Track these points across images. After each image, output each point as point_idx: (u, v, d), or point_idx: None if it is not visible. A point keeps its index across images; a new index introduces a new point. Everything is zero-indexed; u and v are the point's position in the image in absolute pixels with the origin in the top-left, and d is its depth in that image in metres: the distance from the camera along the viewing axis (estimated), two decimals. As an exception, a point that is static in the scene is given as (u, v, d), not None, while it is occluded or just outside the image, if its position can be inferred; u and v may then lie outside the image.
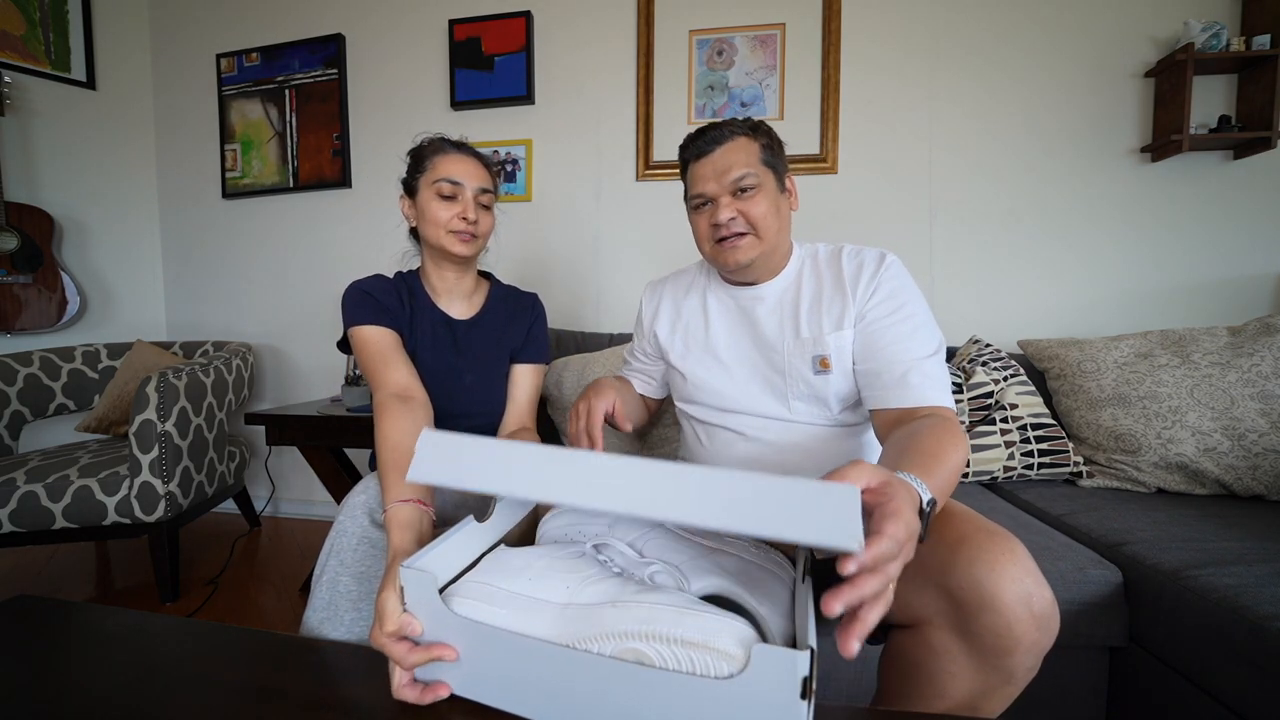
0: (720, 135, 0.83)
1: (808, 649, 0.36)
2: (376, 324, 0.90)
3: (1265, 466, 1.16)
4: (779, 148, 0.86)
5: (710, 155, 0.83)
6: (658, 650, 0.39)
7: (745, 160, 0.81)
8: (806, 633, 0.40)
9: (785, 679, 0.36)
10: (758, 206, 0.81)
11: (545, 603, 0.45)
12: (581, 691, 0.41)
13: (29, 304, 1.97)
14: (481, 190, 0.95)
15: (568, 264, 1.98)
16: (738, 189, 0.81)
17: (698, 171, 0.85)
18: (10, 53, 1.98)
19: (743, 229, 0.82)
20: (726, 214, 0.81)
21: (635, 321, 1.07)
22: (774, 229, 0.83)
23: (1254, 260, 1.60)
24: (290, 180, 2.16)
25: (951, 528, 0.61)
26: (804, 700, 0.36)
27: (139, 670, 0.53)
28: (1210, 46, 1.50)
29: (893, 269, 0.83)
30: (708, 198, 0.84)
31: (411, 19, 2.04)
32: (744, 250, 0.82)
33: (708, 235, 0.85)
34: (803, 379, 0.83)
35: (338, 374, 2.08)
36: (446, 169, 0.93)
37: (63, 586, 1.65)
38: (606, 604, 0.44)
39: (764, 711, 0.36)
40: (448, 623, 0.44)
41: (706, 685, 0.37)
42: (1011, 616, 0.53)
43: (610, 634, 0.41)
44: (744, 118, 0.86)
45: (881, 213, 1.78)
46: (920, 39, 1.74)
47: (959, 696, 0.57)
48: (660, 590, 0.46)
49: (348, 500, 0.76)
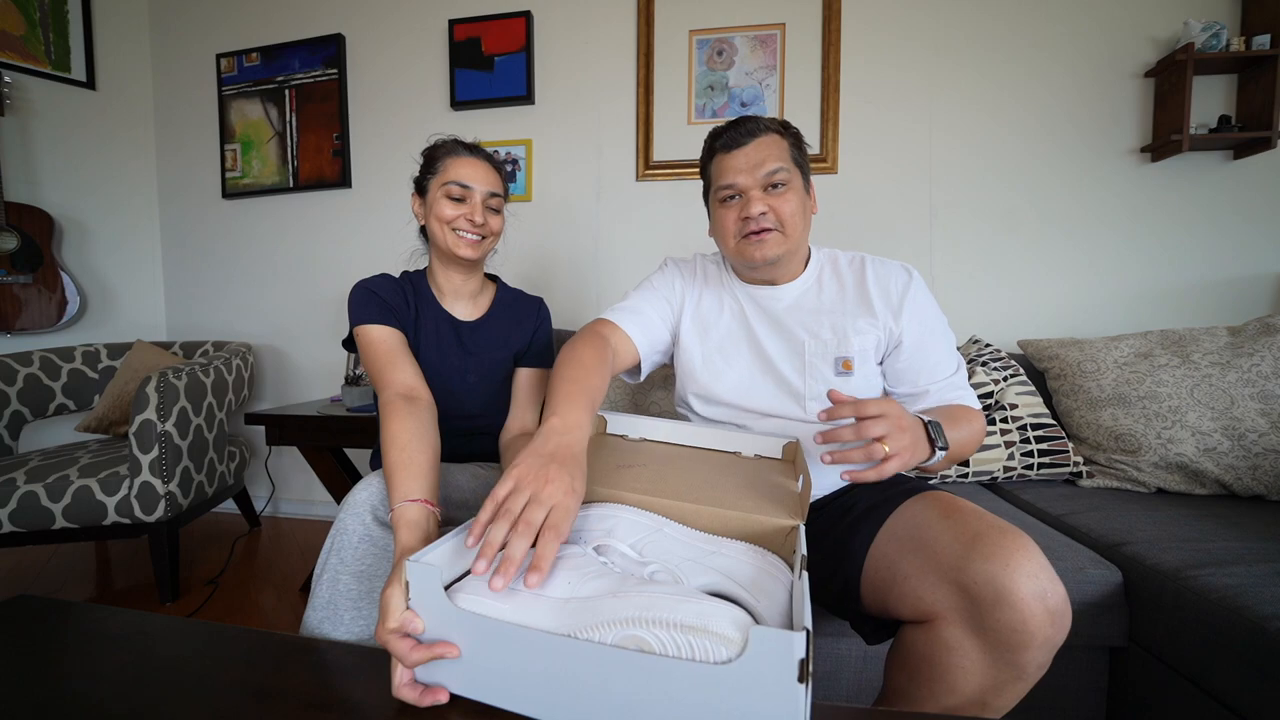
0: (755, 128, 0.82)
1: (804, 630, 0.36)
2: (382, 323, 0.91)
3: (1265, 466, 1.16)
4: (805, 149, 0.86)
5: (744, 147, 0.82)
6: (657, 636, 0.39)
7: (778, 155, 0.81)
8: (802, 616, 0.40)
9: (783, 662, 0.35)
10: (788, 204, 0.81)
11: (546, 598, 0.45)
12: (583, 683, 0.40)
13: (29, 304, 1.97)
14: (491, 194, 0.96)
15: (568, 264, 1.98)
16: (770, 184, 0.81)
17: (728, 163, 0.83)
18: (10, 53, 1.98)
19: (771, 224, 0.81)
20: (758, 207, 0.80)
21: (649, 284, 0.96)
22: (800, 228, 0.83)
23: (1254, 260, 1.60)
24: (290, 180, 2.16)
25: (965, 524, 0.61)
26: (801, 684, 0.35)
27: (139, 670, 0.53)
28: (1210, 46, 1.50)
29: (918, 287, 0.85)
30: (738, 190, 0.82)
31: (411, 19, 2.04)
32: (771, 246, 0.82)
33: (734, 229, 0.84)
34: (824, 380, 0.84)
35: (338, 374, 2.08)
36: (457, 172, 0.94)
37: (63, 586, 1.65)
38: (606, 595, 0.44)
39: (762, 695, 0.36)
40: (451, 617, 0.44)
41: (706, 671, 0.37)
42: (1027, 612, 0.53)
43: (610, 621, 0.41)
44: (771, 116, 0.87)
45: (881, 212, 1.78)
46: (920, 38, 1.74)
47: (969, 692, 0.58)
48: (659, 584, 0.47)
49: (350, 498, 0.76)
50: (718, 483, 0.65)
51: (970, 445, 0.78)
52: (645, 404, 1.47)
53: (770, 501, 0.59)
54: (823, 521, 0.77)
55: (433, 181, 0.95)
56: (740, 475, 0.68)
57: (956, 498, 0.69)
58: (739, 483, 0.65)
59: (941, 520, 0.64)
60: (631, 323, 0.90)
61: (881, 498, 0.74)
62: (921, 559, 0.61)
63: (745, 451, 0.78)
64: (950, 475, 1.35)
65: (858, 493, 0.79)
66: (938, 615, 0.59)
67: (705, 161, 0.89)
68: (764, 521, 0.56)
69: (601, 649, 0.40)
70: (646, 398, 1.47)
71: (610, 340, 0.86)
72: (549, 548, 0.47)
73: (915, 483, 0.78)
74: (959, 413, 0.80)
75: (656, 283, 0.96)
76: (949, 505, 0.66)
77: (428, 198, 0.96)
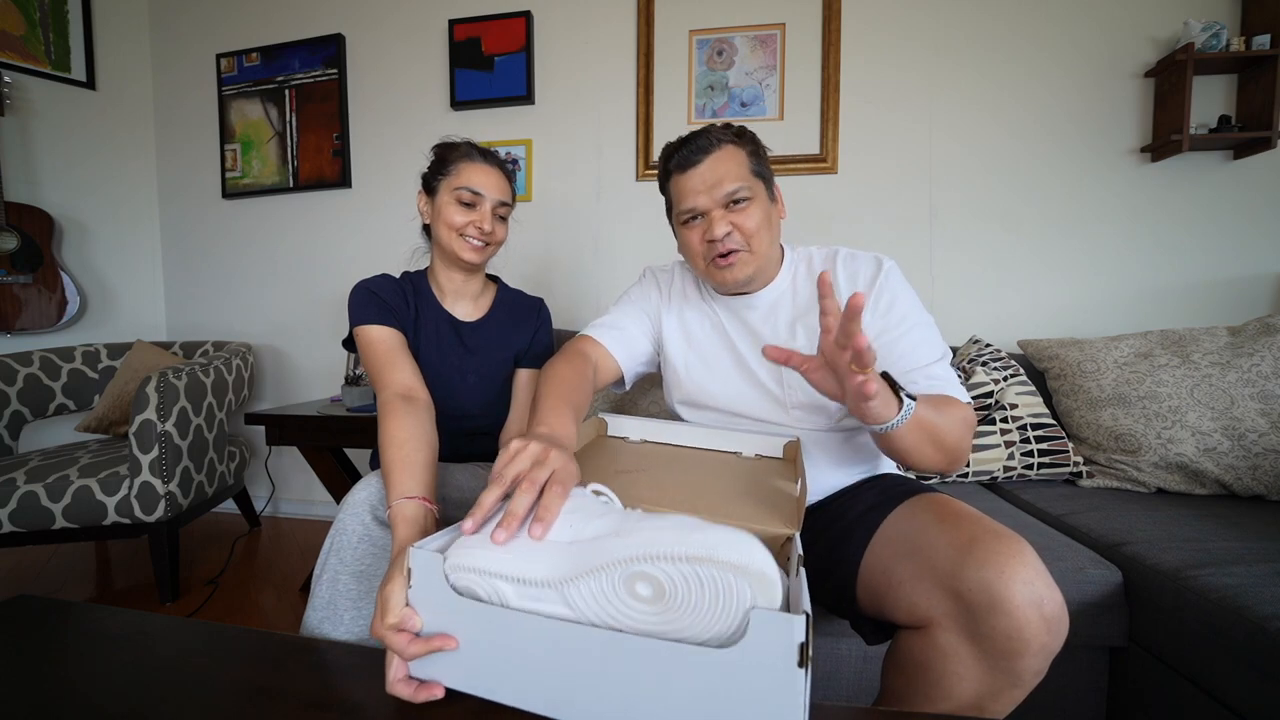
0: (707, 144, 0.80)
1: (803, 613, 0.36)
2: (382, 324, 0.91)
3: (1265, 466, 1.16)
4: (764, 154, 0.84)
5: (698, 167, 0.80)
6: (664, 570, 0.39)
7: (737, 173, 0.79)
8: (801, 601, 0.40)
9: (783, 646, 0.35)
10: (751, 219, 0.79)
11: (549, 542, 0.44)
12: (583, 669, 0.40)
13: (29, 304, 1.97)
14: (500, 203, 0.96)
15: (568, 264, 1.98)
16: (730, 201, 0.79)
17: (685, 184, 0.81)
18: (10, 53, 1.98)
19: (736, 245, 0.80)
20: (722, 229, 0.79)
21: (627, 297, 0.98)
22: (767, 241, 0.82)
23: (1254, 260, 1.60)
24: (290, 180, 2.16)
25: (961, 529, 0.61)
26: (801, 668, 0.35)
27: (139, 670, 0.53)
28: (1210, 46, 1.50)
29: (893, 278, 0.82)
30: (699, 211, 0.81)
31: (411, 19, 2.04)
32: (739, 268, 0.81)
33: (702, 252, 0.82)
34: (801, 386, 0.82)
35: (338, 374, 2.08)
36: (470, 178, 0.94)
37: (63, 586, 1.65)
38: (609, 535, 0.43)
39: (762, 680, 0.36)
40: (451, 605, 0.44)
41: (706, 655, 0.37)
42: (1022, 619, 0.53)
43: (615, 561, 0.40)
44: (724, 123, 0.83)
45: (881, 212, 1.78)
46: (920, 38, 1.74)
47: (965, 699, 0.57)
48: (663, 517, 0.45)
49: (349, 497, 0.76)
50: (716, 489, 0.65)
51: (949, 430, 0.70)
52: (645, 403, 1.47)
53: (767, 509, 0.59)
54: (820, 523, 0.77)
55: (443, 183, 0.95)
56: (739, 479, 0.68)
57: (954, 500, 0.68)
58: (738, 489, 0.65)
59: (937, 524, 0.63)
60: (611, 338, 0.92)
61: (878, 500, 0.73)
62: (917, 564, 0.61)
63: (745, 451, 0.78)
64: (950, 476, 1.35)
65: (855, 495, 0.79)
66: (933, 621, 0.58)
67: (663, 181, 0.86)
68: (759, 531, 0.56)
69: (603, 633, 0.40)
70: (645, 396, 1.47)
71: (591, 356, 0.88)
72: (555, 501, 0.46)
73: (912, 484, 0.78)
74: (936, 399, 0.73)
75: (634, 295, 0.98)
76: (945, 509, 0.66)
77: (437, 199, 0.96)
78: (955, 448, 0.70)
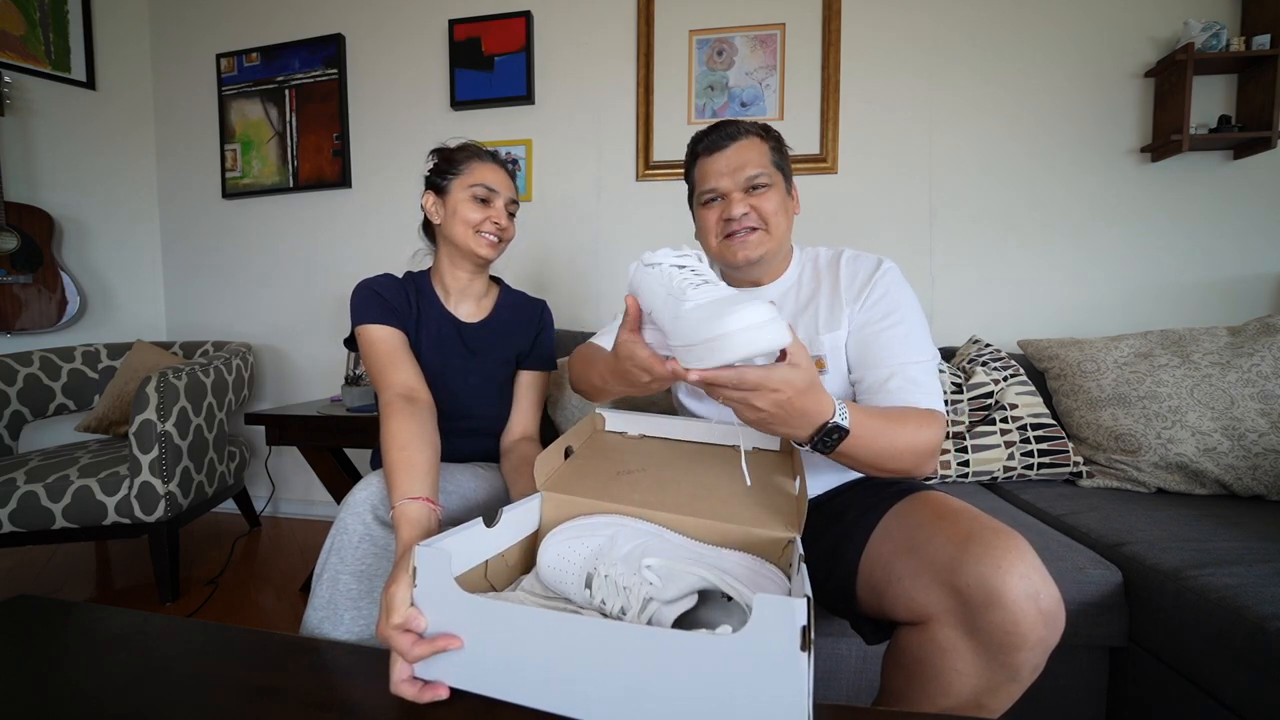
0: (735, 132, 0.84)
1: (804, 597, 0.36)
2: (383, 324, 0.91)
3: (1265, 466, 1.16)
4: (786, 153, 0.88)
5: (724, 151, 0.83)
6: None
7: (759, 160, 0.83)
8: (803, 586, 0.40)
9: (785, 629, 0.36)
10: (769, 202, 0.82)
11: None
12: (587, 663, 0.41)
13: (29, 304, 1.97)
14: (510, 200, 0.99)
15: (568, 264, 1.98)
16: (750, 186, 0.82)
17: (710, 166, 0.85)
18: (10, 53, 1.98)
19: (754, 224, 0.82)
20: (739, 209, 0.82)
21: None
22: (783, 227, 0.84)
23: (1254, 260, 1.60)
24: (290, 180, 2.16)
25: (958, 525, 0.61)
26: (804, 652, 0.36)
27: (139, 670, 0.53)
28: (1210, 46, 1.50)
29: (889, 275, 0.83)
30: (720, 193, 0.84)
31: (411, 19, 2.04)
32: (754, 246, 0.83)
33: (717, 230, 0.85)
34: None
35: (338, 374, 2.07)
36: (484, 176, 0.96)
37: (63, 586, 1.65)
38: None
39: (765, 665, 0.36)
40: (456, 604, 0.44)
41: (710, 642, 0.38)
42: (1019, 613, 0.53)
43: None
44: (751, 119, 0.87)
45: (881, 212, 1.78)
46: (920, 38, 1.74)
47: (964, 694, 0.58)
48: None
49: (350, 497, 0.76)
50: (717, 489, 0.65)
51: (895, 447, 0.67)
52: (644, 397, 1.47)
53: (768, 511, 0.60)
54: (818, 522, 0.77)
55: (455, 182, 0.96)
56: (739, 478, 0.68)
57: (951, 498, 0.69)
58: (738, 489, 0.65)
59: (935, 521, 0.64)
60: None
61: (876, 498, 0.74)
62: (915, 561, 0.61)
63: (744, 445, 0.78)
64: (950, 475, 1.35)
65: (852, 493, 0.79)
66: (931, 617, 0.59)
67: (689, 166, 0.90)
68: (762, 535, 0.56)
69: (607, 624, 0.40)
70: (646, 398, 1.47)
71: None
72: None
73: (910, 483, 0.78)
74: (896, 414, 0.71)
75: None
76: (942, 506, 0.66)
77: (449, 198, 0.96)
78: (900, 469, 0.69)
